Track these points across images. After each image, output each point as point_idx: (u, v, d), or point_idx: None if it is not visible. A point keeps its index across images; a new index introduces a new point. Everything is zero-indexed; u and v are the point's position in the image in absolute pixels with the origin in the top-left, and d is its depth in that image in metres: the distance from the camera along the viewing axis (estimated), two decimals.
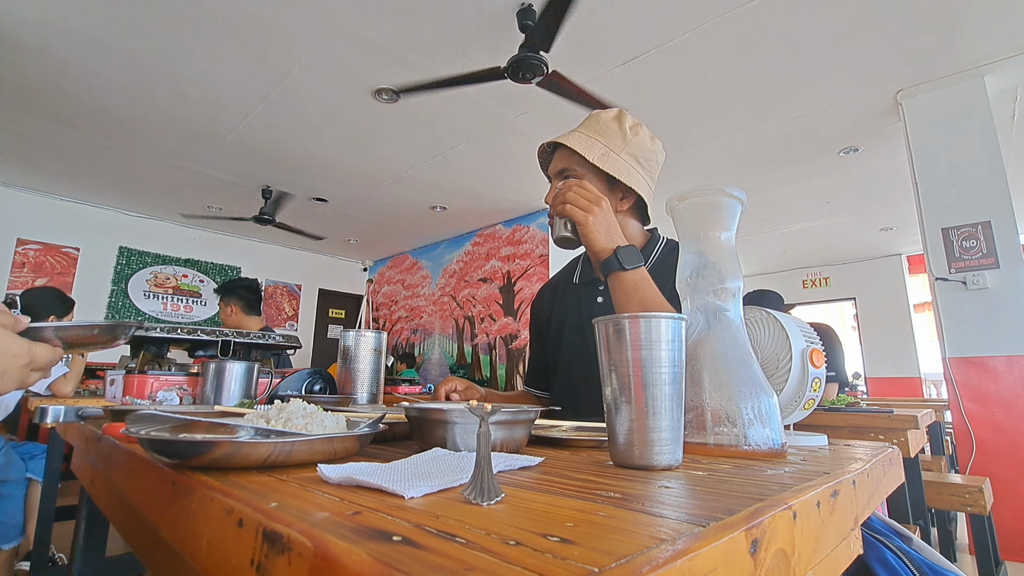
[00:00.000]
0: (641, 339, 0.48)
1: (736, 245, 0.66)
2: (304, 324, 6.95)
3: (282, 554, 0.27)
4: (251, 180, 4.64)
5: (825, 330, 2.69)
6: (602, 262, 0.88)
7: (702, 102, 3.28)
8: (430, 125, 3.61)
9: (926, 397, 6.28)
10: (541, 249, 5.30)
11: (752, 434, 0.55)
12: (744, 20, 2.53)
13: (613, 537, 0.26)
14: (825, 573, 0.39)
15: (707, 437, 0.57)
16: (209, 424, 0.53)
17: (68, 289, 5.12)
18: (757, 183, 4.60)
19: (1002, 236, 2.74)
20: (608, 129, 1.01)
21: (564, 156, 1.03)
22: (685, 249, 0.67)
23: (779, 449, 0.56)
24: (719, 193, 0.64)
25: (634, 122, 1.03)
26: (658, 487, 0.40)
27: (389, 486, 0.35)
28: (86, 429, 0.79)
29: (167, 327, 1.14)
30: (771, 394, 0.59)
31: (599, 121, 1.03)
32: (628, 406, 0.48)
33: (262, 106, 3.38)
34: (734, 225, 0.66)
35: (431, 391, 1.07)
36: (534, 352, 1.28)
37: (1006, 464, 2.60)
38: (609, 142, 1.00)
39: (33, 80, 3.10)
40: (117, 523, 0.61)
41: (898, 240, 6.32)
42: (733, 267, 0.63)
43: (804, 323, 0.75)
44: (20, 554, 2.16)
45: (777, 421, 0.57)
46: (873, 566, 0.62)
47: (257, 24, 2.59)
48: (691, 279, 0.65)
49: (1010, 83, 3.05)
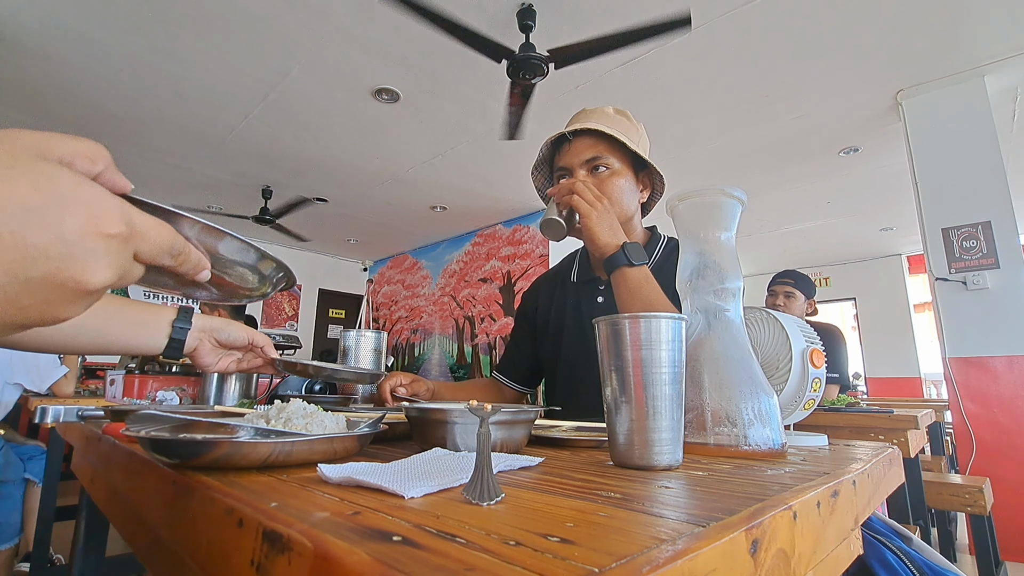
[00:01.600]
0: (641, 339, 0.48)
1: (736, 245, 0.66)
2: (304, 324, 6.96)
3: (282, 554, 0.27)
4: (251, 180, 4.64)
5: (831, 330, 2.68)
6: (606, 258, 0.85)
7: (702, 102, 3.28)
8: (430, 125, 3.61)
9: (926, 397, 6.28)
10: (541, 249, 5.30)
11: (752, 434, 0.55)
12: (744, 20, 2.53)
13: (613, 537, 0.26)
14: (825, 573, 0.39)
15: (707, 437, 0.57)
16: (209, 424, 0.52)
17: None
18: (757, 183, 4.60)
19: (1002, 236, 2.74)
20: (621, 122, 0.99)
21: (591, 144, 0.97)
22: (685, 249, 0.67)
23: (779, 449, 0.56)
24: (719, 193, 0.64)
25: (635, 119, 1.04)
26: (658, 487, 0.40)
27: (389, 486, 0.35)
28: (86, 429, 0.79)
29: None
30: (771, 394, 0.59)
31: (607, 114, 1.00)
32: (628, 406, 0.48)
33: (262, 106, 3.38)
34: (734, 225, 0.65)
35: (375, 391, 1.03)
36: (515, 341, 1.24)
37: (1006, 464, 2.60)
38: (629, 132, 0.98)
39: (33, 80, 3.10)
40: (117, 523, 0.61)
41: (898, 240, 6.32)
42: (733, 267, 0.63)
43: (804, 323, 0.75)
44: (20, 554, 2.16)
45: (777, 421, 0.57)
46: (873, 566, 0.62)
47: (257, 24, 2.59)
48: (691, 279, 0.65)
49: (1010, 83, 3.05)
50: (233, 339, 0.75)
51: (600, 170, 0.96)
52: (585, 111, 1.02)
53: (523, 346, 1.21)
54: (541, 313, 1.18)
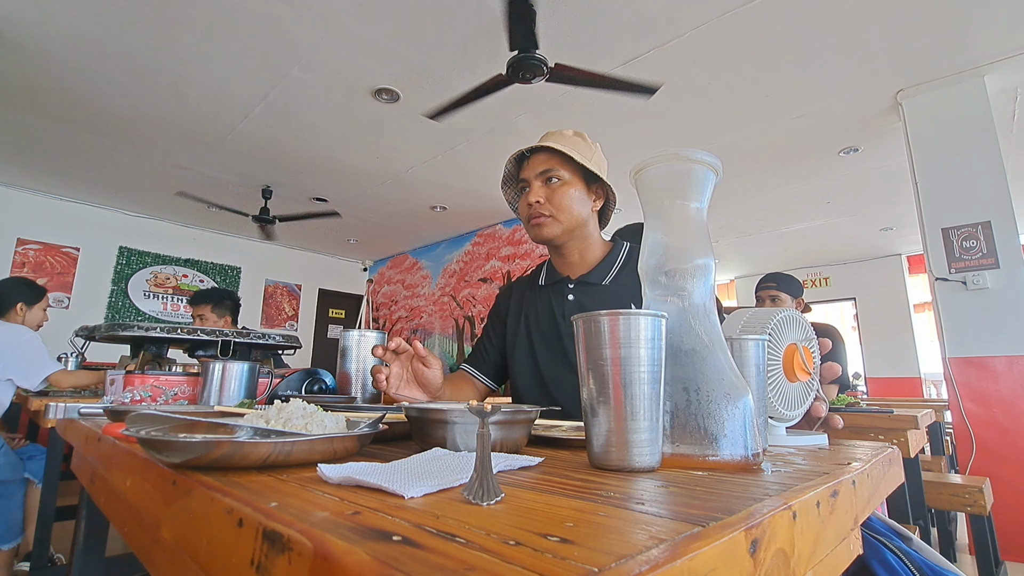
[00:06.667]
0: (620, 337, 0.47)
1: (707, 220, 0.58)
2: (304, 324, 6.95)
3: (282, 554, 0.27)
4: (251, 180, 4.64)
5: (829, 330, 2.69)
6: None
7: (702, 102, 3.28)
8: (430, 125, 3.61)
9: (926, 397, 6.28)
10: (541, 249, 5.30)
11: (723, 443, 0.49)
12: (744, 20, 2.53)
13: (613, 537, 0.26)
14: (825, 573, 0.39)
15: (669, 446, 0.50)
16: (209, 424, 0.52)
17: (68, 289, 5.12)
18: (757, 183, 4.60)
19: (1002, 236, 2.74)
20: (575, 142, 1.12)
21: (545, 159, 1.10)
22: (648, 227, 0.59)
23: (751, 460, 0.48)
24: (686, 160, 0.55)
25: (592, 140, 1.15)
26: (657, 487, 0.40)
27: (389, 486, 0.35)
28: (86, 429, 0.79)
29: (167, 327, 1.14)
30: (744, 392, 0.51)
31: (564, 136, 1.13)
32: (606, 406, 0.47)
33: (262, 106, 3.38)
34: (705, 197, 0.57)
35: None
36: (487, 336, 1.29)
37: (1006, 464, 2.60)
38: (582, 150, 1.10)
39: (33, 80, 3.10)
40: (117, 523, 0.61)
41: (898, 240, 6.32)
42: (702, 244, 0.56)
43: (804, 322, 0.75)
44: (20, 554, 2.16)
45: (750, 424, 0.50)
46: (873, 566, 0.62)
47: (257, 24, 2.59)
48: (653, 261, 0.57)
49: (1010, 83, 3.05)
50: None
51: (552, 181, 1.09)
52: (548, 133, 1.15)
53: (495, 341, 1.27)
54: (512, 316, 1.24)
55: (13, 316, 2.39)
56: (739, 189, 4.71)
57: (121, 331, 1.10)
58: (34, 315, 2.48)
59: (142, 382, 1.00)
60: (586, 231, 1.13)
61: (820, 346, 0.77)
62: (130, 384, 1.00)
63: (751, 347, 0.62)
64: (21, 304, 2.42)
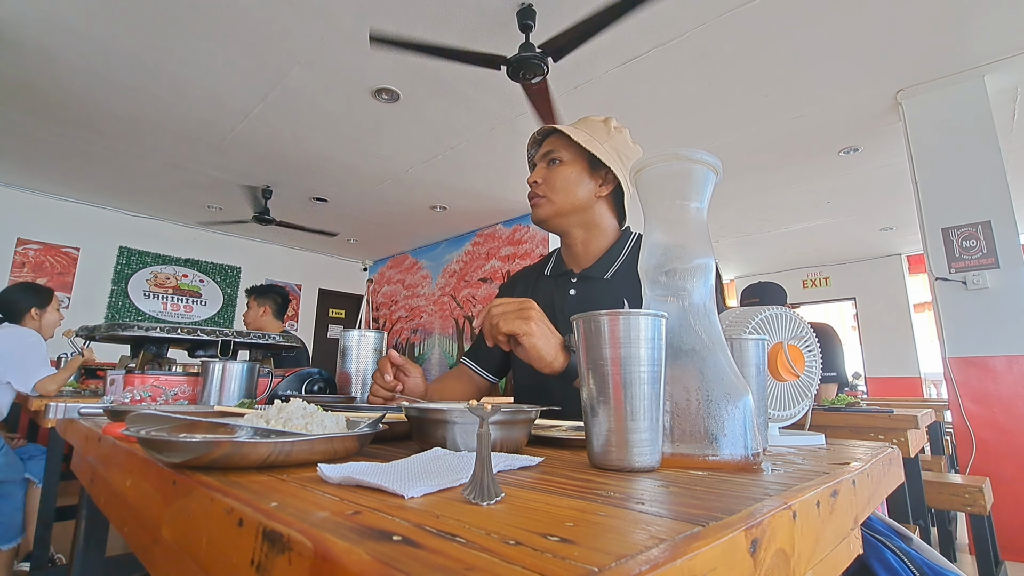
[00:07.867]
0: (620, 336, 0.47)
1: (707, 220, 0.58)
2: (304, 324, 6.95)
3: (282, 554, 0.27)
4: (251, 180, 4.64)
5: (825, 330, 2.70)
6: (559, 375, 0.83)
7: (702, 102, 3.28)
8: (430, 125, 3.61)
9: (926, 397, 6.28)
10: (541, 249, 5.30)
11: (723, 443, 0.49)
12: (744, 20, 2.53)
13: (613, 537, 0.26)
14: (825, 573, 0.39)
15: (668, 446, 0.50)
16: (209, 424, 0.52)
17: (68, 289, 5.12)
18: (757, 183, 4.60)
19: (1002, 236, 2.74)
20: (594, 125, 1.10)
21: (551, 142, 1.11)
22: (648, 227, 0.59)
23: (751, 460, 0.49)
24: (685, 160, 0.56)
25: (619, 125, 1.12)
26: (658, 487, 0.40)
27: (389, 486, 0.35)
28: (86, 429, 0.79)
29: (167, 327, 1.14)
30: (744, 392, 0.51)
31: (587, 120, 1.12)
32: (606, 405, 0.47)
33: (262, 106, 3.38)
34: (705, 197, 0.57)
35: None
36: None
37: (1006, 464, 2.60)
38: (594, 133, 1.08)
39: (33, 80, 3.10)
40: (117, 523, 0.61)
41: (898, 240, 6.32)
42: (702, 244, 0.56)
43: (805, 322, 0.75)
44: (20, 554, 2.16)
45: (750, 425, 0.50)
46: (873, 566, 0.62)
47: (257, 24, 2.59)
48: (653, 261, 0.57)
49: (1010, 83, 3.05)
50: None
51: (554, 162, 1.09)
52: (581, 119, 1.14)
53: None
54: None
55: (29, 321, 2.41)
56: (739, 189, 4.71)
57: (121, 331, 1.10)
58: (49, 318, 2.49)
59: (142, 382, 1.00)
60: (588, 217, 1.09)
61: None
62: (130, 384, 1.00)
63: (751, 347, 0.62)
64: (35, 309, 2.43)
